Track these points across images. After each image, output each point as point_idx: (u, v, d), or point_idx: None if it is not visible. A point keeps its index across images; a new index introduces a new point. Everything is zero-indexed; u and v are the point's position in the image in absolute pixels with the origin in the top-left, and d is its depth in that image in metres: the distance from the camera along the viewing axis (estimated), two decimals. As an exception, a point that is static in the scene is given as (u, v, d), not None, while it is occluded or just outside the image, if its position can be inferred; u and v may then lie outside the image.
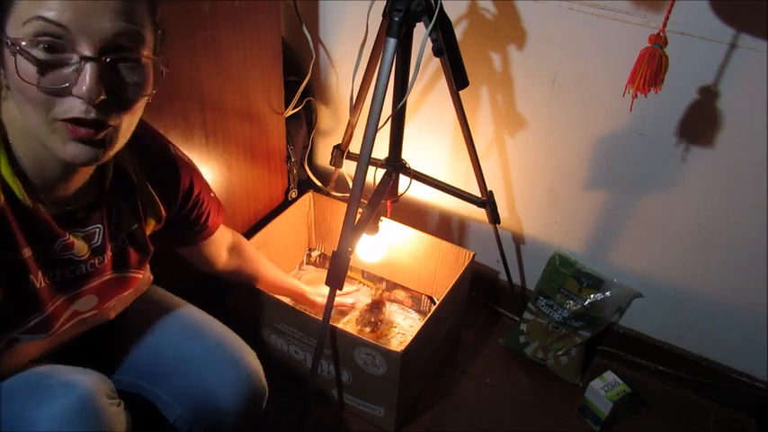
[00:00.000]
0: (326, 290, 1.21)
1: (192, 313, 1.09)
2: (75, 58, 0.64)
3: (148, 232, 0.94)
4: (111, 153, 0.72)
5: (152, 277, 1.09)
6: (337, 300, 1.43)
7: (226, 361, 1.02)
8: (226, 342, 1.05)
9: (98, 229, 0.85)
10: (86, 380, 0.82)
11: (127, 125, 0.72)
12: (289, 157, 1.55)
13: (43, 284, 0.79)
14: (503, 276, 1.64)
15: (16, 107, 0.69)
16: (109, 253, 0.87)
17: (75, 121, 0.66)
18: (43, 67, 0.64)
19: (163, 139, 0.96)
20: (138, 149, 0.87)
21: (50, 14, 0.62)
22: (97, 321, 0.96)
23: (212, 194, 1.06)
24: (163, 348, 1.03)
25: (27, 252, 0.76)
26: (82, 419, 0.78)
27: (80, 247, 0.83)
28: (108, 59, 0.65)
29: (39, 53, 0.63)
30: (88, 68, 0.64)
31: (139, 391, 1.03)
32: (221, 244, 1.16)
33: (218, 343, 1.04)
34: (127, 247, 0.90)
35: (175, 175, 0.95)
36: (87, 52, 0.64)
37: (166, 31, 0.74)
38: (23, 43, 0.63)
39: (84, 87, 0.64)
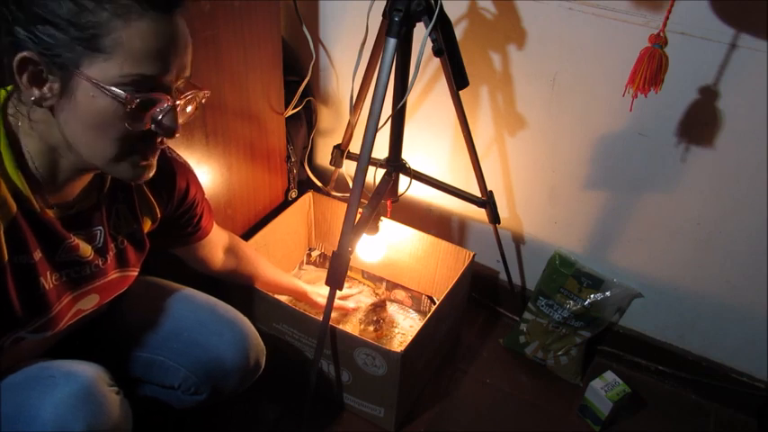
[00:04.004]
0: (327, 289, 1.21)
1: (182, 287, 1.14)
2: (164, 101, 0.70)
3: (145, 231, 0.96)
4: None
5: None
6: (338, 303, 1.43)
7: (221, 323, 1.08)
8: (217, 307, 1.11)
9: (99, 231, 0.87)
10: (87, 369, 0.84)
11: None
12: (289, 157, 1.55)
13: (51, 286, 0.81)
14: (503, 276, 1.64)
15: (67, 134, 0.71)
16: (111, 253, 0.90)
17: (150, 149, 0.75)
18: (141, 108, 0.69)
19: None
20: None
21: (151, 71, 0.67)
22: (94, 314, 0.98)
23: (205, 196, 1.08)
24: (159, 319, 1.07)
25: (38, 255, 0.78)
26: (85, 405, 0.80)
27: (84, 248, 0.84)
28: (184, 102, 0.73)
29: (131, 96, 0.67)
30: (171, 112, 0.71)
31: (143, 363, 1.06)
32: (217, 245, 1.17)
33: (210, 308, 1.10)
34: (126, 246, 0.93)
35: (172, 177, 0.97)
36: (171, 100, 0.71)
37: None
38: (114, 87, 0.66)
39: (168, 125, 0.71)
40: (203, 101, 0.80)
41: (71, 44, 0.65)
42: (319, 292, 1.42)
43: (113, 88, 0.66)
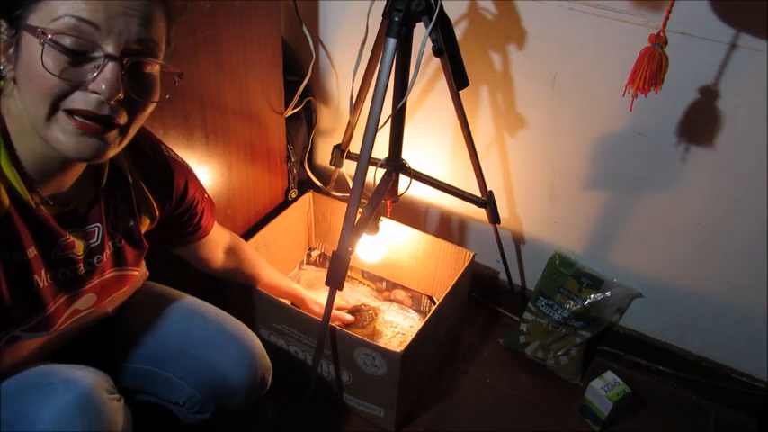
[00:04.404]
0: (324, 298, 1.21)
1: (191, 300, 1.12)
2: (99, 54, 0.66)
3: (143, 231, 0.95)
4: (112, 153, 0.74)
5: (147, 273, 1.10)
6: (336, 312, 1.43)
7: (229, 340, 1.06)
8: (226, 322, 1.09)
9: (97, 228, 0.86)
10: (86, 376, 0.83)
11: (133, 129, 0.74)
12: (289, 157, 1.55)
13: (46, 284, 0.80)
14: (503, 276, 1.64)
15: (21, 101, 0.70)
16: (108, 251, 0.89)
17: (84, 116, 0.68)
18: (73, 58, 0.66)
19: (155, 139, 0.97)
20: (132, 150, 0.88)
21: (84, 14, 0.65)
22: (96, 317, 0.97)
23: (206, 195, 1.07)
24: (167, 333, 1.06)
25: (32, 252, 0.77)
26: (84, 414, 0.79)
27: (79, 246, 0.84)
28: (128, 62, 0.68)
29: (67, 45, 0.65)
30: (110, 66, 0.67)
31: (149, 377, 1.05)
32: (217, 245, 1.17)
33: (219, 324, 1.08)
34: (123, 244, 0.92)
35: (170, 176, 0.96)
36: (111, 51, 0.66)
37: (174, 49, 0.78)
38: (50, 36, 0.64)
39: (103, 85, 0.66)
40: (176, 81, 0.76)
41: None
42: (316, 300, 1.41)
43: (39, 28, 0.64)
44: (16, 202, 0.74)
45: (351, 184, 1.27)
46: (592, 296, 1.47)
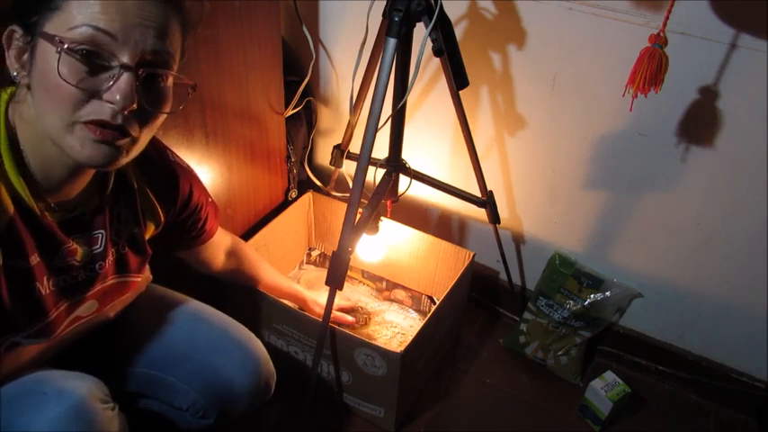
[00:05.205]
0: (325, 298, 1.21)
1: (196, 304, 1.12)
2: (115, 64, 0.66)
3: (147, 237, 0.95)
4: (124, 162, 0.74)
5: (151, 276, 1.10)
6: (336, 313, 1.43)
7: (233, 345, 1.06)
8: (231, 328, 1.09)
9: (101, 235, 0.86)
10: (80, 385, 0.82)
11: (144, 139, 0.74)
12: (289, 157, 1.55)
13: (48, 291, 0.80)
14: (503, 276, 1.64)
15: (35, 107, 0.70)
16: (110, 258, 0.88)
17: (99, 124, 0.68)
18: (88, 67, 0.66)
19: (161, 144, 0.96)
20: (138, 155, 0.88)
21: (101, 24, 0.65)
22: (97, 322, 0.97)
23: (210, 199, 1.07)
24: (172, 337, 1.05)
25: (35, 259, 0.77)
26: (76, 425, 0.79)
27: (80, 252, 0.83)
28: (144, 73, 0.68)
29: (83, 55, 0.65)
30: (125, 77, 0.67)
31: (153, 381, 1.04)
32: (219, 247, 1.17)
33: (224, 329, 1.08)
34: (127, 251, 0.91)
35: (175, 181, 0.96)
36: (127, 61, 0.66)
37: (187, 60, 0.78)
38: (66, 45, 0.65)
39: (118, 95, 0.66)
40: (190, 93, 0.76)
41: (35, 5, 0.66)
42: (317, 301, 1.41)
43: (57, 36, 0.65)
44: (21, 209, 0.74)
45: (351, 184, 1.27)
46: (592, 296, 1.47)
